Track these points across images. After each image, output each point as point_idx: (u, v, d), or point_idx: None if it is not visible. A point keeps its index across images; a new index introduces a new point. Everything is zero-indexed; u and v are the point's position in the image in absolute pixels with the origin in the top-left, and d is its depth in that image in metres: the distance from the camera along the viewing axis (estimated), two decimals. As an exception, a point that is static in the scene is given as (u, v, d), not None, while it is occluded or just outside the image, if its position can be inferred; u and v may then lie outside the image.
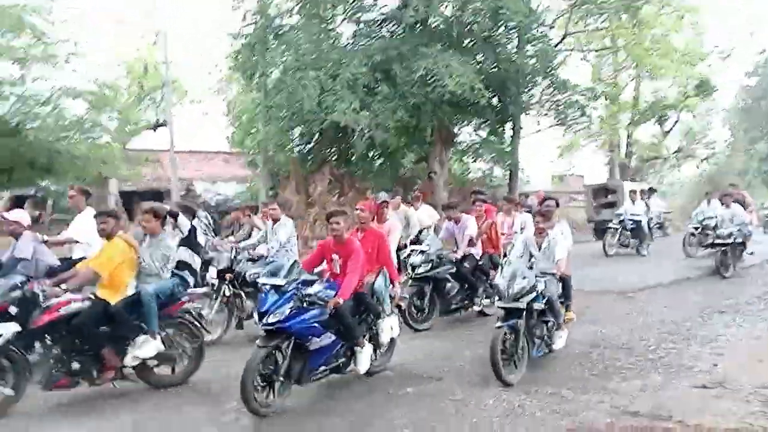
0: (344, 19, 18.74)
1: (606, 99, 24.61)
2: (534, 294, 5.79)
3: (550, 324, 6.22)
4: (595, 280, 10.86)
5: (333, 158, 18.68)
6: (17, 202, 14.64)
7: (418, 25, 17.05)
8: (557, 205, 7.81)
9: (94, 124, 15.43)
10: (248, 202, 14.18)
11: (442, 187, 18.65)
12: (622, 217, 14.96)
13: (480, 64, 17.23)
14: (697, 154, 34.25)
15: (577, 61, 26.08)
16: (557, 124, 19.12)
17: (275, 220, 8.22)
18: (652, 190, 18.68)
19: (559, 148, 29.30)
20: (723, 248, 11.27)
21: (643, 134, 30.85)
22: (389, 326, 5.92)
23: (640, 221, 14.83)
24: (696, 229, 13.70)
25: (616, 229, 14.96)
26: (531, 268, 6.25)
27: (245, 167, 25.94)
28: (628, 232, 14.88)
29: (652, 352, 6.59)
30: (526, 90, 18.56)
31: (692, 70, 24.05)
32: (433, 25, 17.34)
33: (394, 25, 18.35)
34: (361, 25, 18.64)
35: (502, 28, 17.38)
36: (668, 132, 31.29)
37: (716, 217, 11.93)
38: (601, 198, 21.05)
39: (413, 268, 8.04)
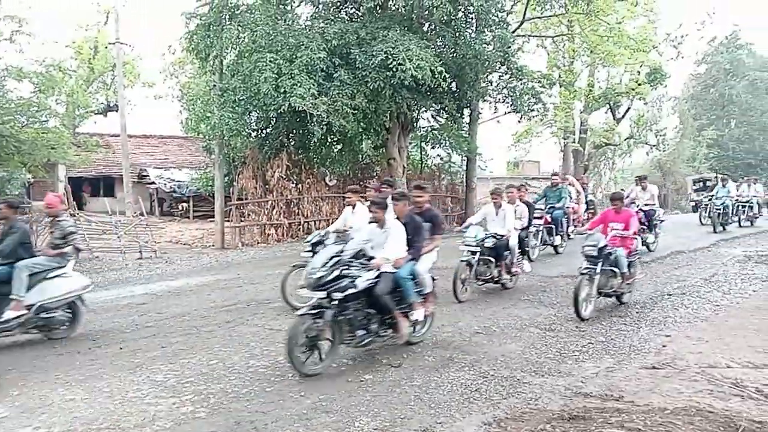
0: (302, 0, 18.49)
1: (561, 86, 25.07)
2: None
3: None
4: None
5: (291, 144, 18.47)
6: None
7: (377, 9, 16.95)
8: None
9: (41, 107, 14.77)
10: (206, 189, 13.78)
11: (402, 174, 18.69)
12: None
13: (439, 49, 17.25)
14: (648, 141, 35.18)
15: (534, 48, 26.53)
16: (513, 111, 19.33)
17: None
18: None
19: (515, 135, 29.74)
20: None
21: (596, 121, 31.55)
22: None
23: (508, 241, 8.91)
24: None
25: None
26: None
27: (200, 153, 25.49)
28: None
29: (604, 335, 6.78)
30: (484, 76, 18.70)
31: (645, 57, 24.63)
32: (392, 9, 17.27)
33: (352, 7, 18.20)
34: (319, 7, 18.41)
35: (462, 12, 17.43)
36: (620, 119, 32.01)
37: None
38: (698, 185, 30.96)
39: None
